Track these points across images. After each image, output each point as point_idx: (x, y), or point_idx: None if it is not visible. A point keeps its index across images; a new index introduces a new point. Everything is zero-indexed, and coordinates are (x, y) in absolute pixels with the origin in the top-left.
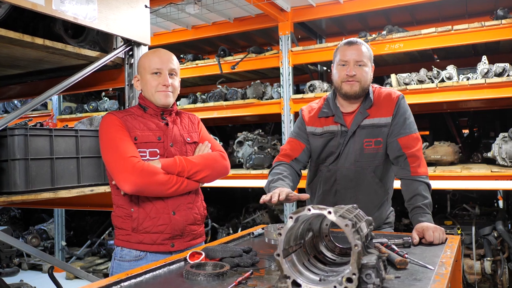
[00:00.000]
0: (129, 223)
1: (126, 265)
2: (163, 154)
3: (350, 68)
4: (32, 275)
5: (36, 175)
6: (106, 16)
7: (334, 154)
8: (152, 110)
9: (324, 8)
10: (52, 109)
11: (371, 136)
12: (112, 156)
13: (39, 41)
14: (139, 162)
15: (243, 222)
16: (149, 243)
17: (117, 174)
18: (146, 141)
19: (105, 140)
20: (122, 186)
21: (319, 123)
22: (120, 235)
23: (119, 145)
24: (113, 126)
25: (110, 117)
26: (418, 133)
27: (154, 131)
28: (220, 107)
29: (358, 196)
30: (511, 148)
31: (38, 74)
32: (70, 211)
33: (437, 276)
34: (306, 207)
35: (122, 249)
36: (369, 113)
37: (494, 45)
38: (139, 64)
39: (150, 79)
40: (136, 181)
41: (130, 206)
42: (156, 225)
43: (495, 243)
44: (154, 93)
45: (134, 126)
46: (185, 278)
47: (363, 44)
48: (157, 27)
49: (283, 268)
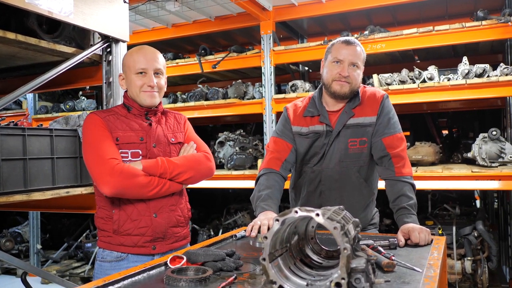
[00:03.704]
0: (110, 224)
1: (107, 266)
2: (145, 155)
3: (344, 68)
4: (6, 280)
5: (8, 176)
6: (83, 10)
7: (319, 155)
8: (136, 110)
9: (306, 8)
10: (27, 108)
11: (356, 136)
12: (92, 157)
13: (11, 36)
14: (119, 164)
15: (224, 224)
16: (130, 246)
17: (97, 176)
18: (128, 141)
19: (86, 140)
20: (101, 188)
21: (305, 123)
22: (102, 237)
23: (100, 146)
24: (95, 127)
25: (92, 117)
26: (402, 133)
27: (136, 131)
28: (201, 107)
29: (343, 197)
30: (491, 149)
31: (10, 71)
32: (46, 213)
33: (426, 279)
34: (293, 209)
35: (104, 251)
36: (354, 112)
37: (474, 46)
38: (124, 63)
39: (135, 78)
40: (115, 184)
41: (112, 208)
42: (137, 227)
43: (475, 242)
44: (139, 93)
45: (116, 127)
46: (165, 284)
47: (359, 45)
48: (136, 24)
49: (270, 273)
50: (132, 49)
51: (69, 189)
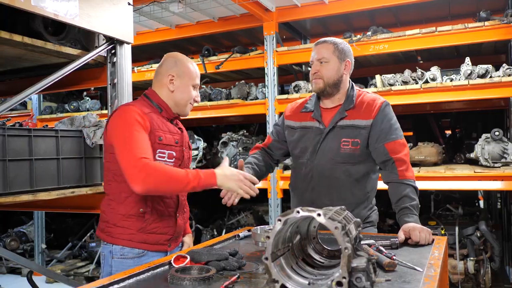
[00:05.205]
0: (137, 223)
1: (129, 262)
2: (178, 157)
3: (313, 66)
4: (11, 279)
5: (15, 177)
6: (88, 13)
7: (310, 150)
8: (166, 113)
9: (309, 8)
10: (31, 109)
11: (349, 137)
12: (125, 154)
13: (18, 38)
14: (151, 162)
15: (228, 224)
16: (152, 243)
17: (129, 174)
18: (168, 143)
19: (123, 135)
20: (134, 186)
21: (298, 118)
22: (122, 234)
23: (136, 144)
24: (136, 122)
25: (135, 111)
26: (404, 140)
27: (173, 134)
28: (204, 108)
29: (333, 194)
30: (494, 149)
31: (16, 72)
32: (51, 213)
33: (427, 279)
34: (295, 209)
35: (123, 248)
36: (347, 114)
37: (477, 47)
38: (184, 70)
39: (191, 89)
40: (149, 183)
41: (142, 206)
42: (164, 226)
43: (478, 243)
44: (187, 104)
45: (158, 126)
46: (169, 283)
47: (330, 41)
48: (140, 25)
49: (272, 272)
50: (191, 61)
51: (74, 189)
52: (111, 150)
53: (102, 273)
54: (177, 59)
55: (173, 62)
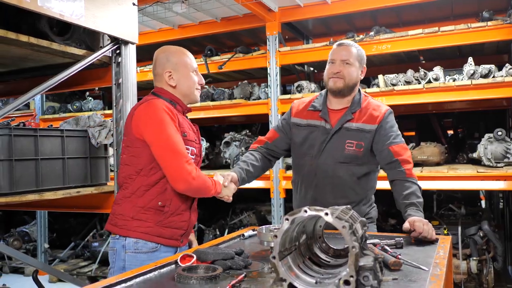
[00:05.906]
0: (155, 216)
1: (143, 257)
2: (198, 154)
3: (336, 65)
4: (14, 279)
5: (21, 176)
6: (93, 13)
7: (316, 148)
8: (180, 107)
9: (311, 9)
10: (34, 109)
11: (354, 139)
12: (169, 152)
13: (24, 38)
14: (193, 165)
15: (230, 223)
16: (166, 237)
17: (175, 172)
18: (192, 139)
19: (164, 132)
20: (177, 184)
21: (305, 116)
22: (139, 227)
23: (177, 142)
24: (171, 120)
25: (168, 108)
26: (406, 144)
27: (192, 130)
28: (207, 107)
29: (335, 192)
30: (497, 149)
31: (21, 72)
32: (53, 212)
33: (433, 278)
34: (302, 209)
35: (138, 241)
36: (354, 116)
37: (479, 47)
38: (178, 62)
39: (192, 75)
40: (192, 184)
41: (161, 200)
42: (180, 221)
43: (481, 242)
44: (194, 90)
45: (182, 122)
46: (176, 282)
47: (353, 45)
48: (143, 26)
49: (280, 271)
50: (180, 48)
51: (79, 188)
52: (138, 144)
53: (113, 268)
54: (167, 54)
55: (165, 58)
